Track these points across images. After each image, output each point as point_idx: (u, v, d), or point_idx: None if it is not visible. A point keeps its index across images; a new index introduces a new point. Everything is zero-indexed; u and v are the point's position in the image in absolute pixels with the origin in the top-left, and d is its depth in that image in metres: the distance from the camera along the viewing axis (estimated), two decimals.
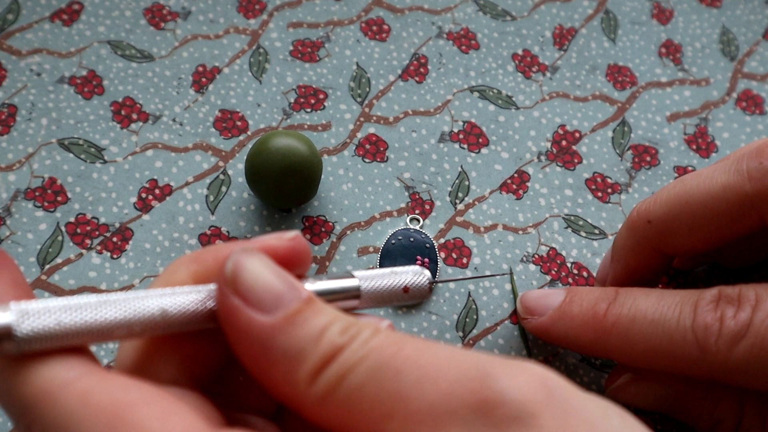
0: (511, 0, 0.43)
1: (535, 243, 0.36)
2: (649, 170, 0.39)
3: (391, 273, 0.22)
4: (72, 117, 0.37)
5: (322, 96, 0.39)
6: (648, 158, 0.39)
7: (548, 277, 0.36)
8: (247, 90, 0.38)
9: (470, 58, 0.41)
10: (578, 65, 0.41)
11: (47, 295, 0.33)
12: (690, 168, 0.39)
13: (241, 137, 0.37)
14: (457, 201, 0.37)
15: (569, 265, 0.36)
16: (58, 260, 0.34)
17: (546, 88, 0.40)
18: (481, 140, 0.38)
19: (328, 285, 0.21)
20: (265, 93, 0.38)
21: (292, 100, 0.38)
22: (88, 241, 0.34)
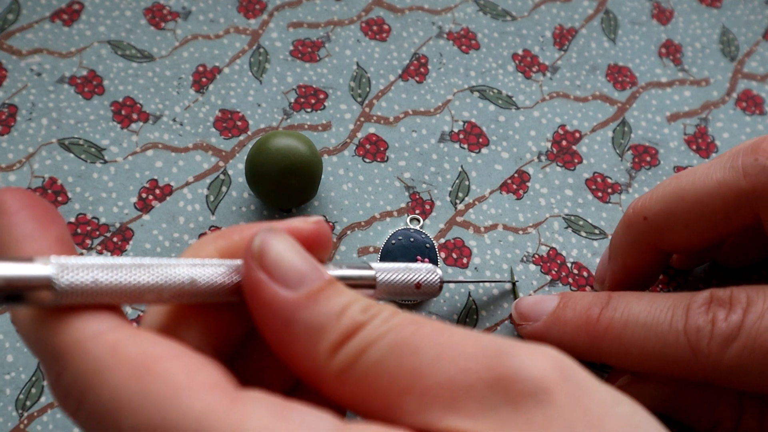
0: (511, 0, 0.43)
1: (535, 243, 0.36)
2: (649, 170, 0.39)
3: (406, 268, 0.23)
4: (72, 117, 0.37)
5: (322, 96, 0.39)
6: (648, 158, 0.39)
7: (548, 277, 0.36)
8: (248, 90, 0.38)
9: (470, 58, 0.41)
10: (578, 65, 0.41)
11: None
12: (688, 168, 0.39)
13: (241, 137, 0.37)
14: (458, 201, 0.37)
15: (569, 265, 0.36)
16: None
17: (546, 88, 0.40)
18: (481, 140, 0.38)
19: (347, 272, 0.22)
20: (265, 93, 0.38)
21: (293, 100, 0.38)
22: (88, 242, 0.34)
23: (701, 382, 0.27)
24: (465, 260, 0.36)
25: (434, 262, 0.35)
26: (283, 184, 0.33)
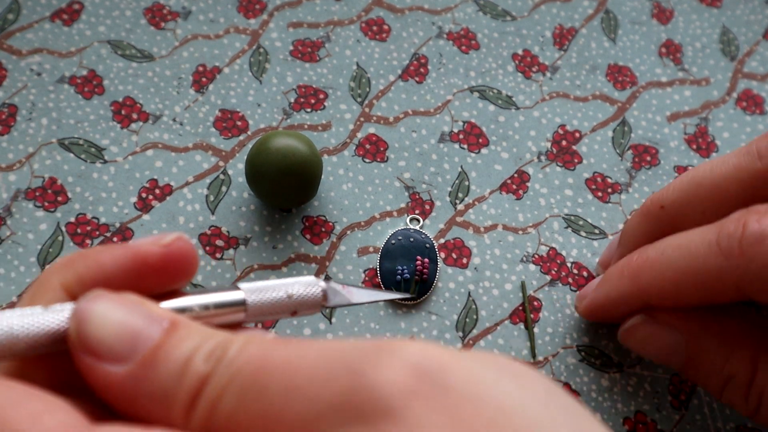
0: (511, 0, 0.43)
1: (535, 243, 0.36)
2: (649, 170, 0.39)
3: (280, 285, 0.21)
4: (72, 117, 0.37)
5: (322, 96, 0.39)
6: (648, 158, 0.39)
7: (548, 277, 0.36)
8: (248, 90, 0.38)
9: (470, 58, 0.41)
10: (578, 65, 0.41)
11: None
12: (690, 168, 0.39)
13: (241, 137, 0.37)
14: (457, 201, 0.37)
15: (569, 264, 0.36)
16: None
17: (546, 88, 0.40)
18: (481, 140, 0.38)
19: (210, 299, 0.20)
20: (265, 93, 0.38)
21: (293, 100, 0.38)
22: (88, 242, 0.34)
23: (734, 294, 0.26)
24: (465, 260, 0.36)
25: (434, 262, 0.35)
26: (283, 184, 0.33)
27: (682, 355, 0.29)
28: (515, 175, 0.38)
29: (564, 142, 0.39)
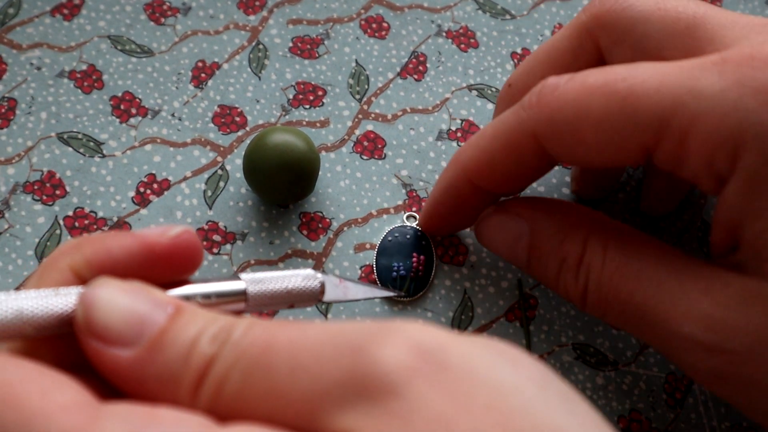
0: None
1: None
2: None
3: (280, 276, 0.22)
4: (71, 111, 0.37)
5: (320, 93, 0.39)
6: None
7: None
8: (246, 86, 0.39)
9: (469, 57, 0.41)
10: None
11: None
12: None
13: (239, 133, 0.37)
14: None
15: None
16: None
17: None
18: None
19: (211, 288, 0.21)
20: (264, 89, 0.39)
21: (291, 97, 0.39)
22: (86, 235, 0.34)
23: (533, 146, 0.27)
24: (461, 258, 0.36)
25: (430, 259, 0.35)
26: (281, 180, 0.33)
27: (527, 243, 0.30)
28: None
29: None
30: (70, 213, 0.35)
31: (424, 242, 0.35)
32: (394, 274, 0.34)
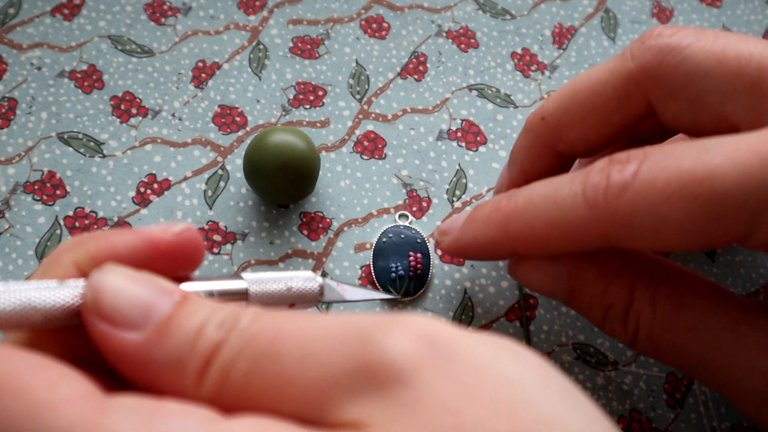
0: None
1: None
2: None
3: (281, 278, 0.23)
4: (72, 111, 0.37)
5: (321, 93, 0.39)
6: None
7: None
8: (247, 86, 0.39)
9: (469, 57, 0.41)
10: (577, 64, 0.41)
11: None
12: None
13: (239, 133, 0.37)
14: (455, 199, 0.37)
15: None
16: None
17: (545, 86, 0.40)
18: (479, 138, 0.39)
19: (214, 286, 0.21)
20: (264, 89, 0.39)
21: (291, 97, 0.39)
22: (89, 232, 0.34)
23: (601, 243, 0.26)
24: (461, 260, 0.36)
25: (426, 256, 0.35)
26: (281, 180, 0.33)
27: (566, 285, 0.29)
28: None
29: None
30: (71, 213, 0.35)
31: (418, 240, 0.35)
32: (393, 274, 0.34)
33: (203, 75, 0.39)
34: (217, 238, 0.35)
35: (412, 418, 0.15)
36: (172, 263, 0.21)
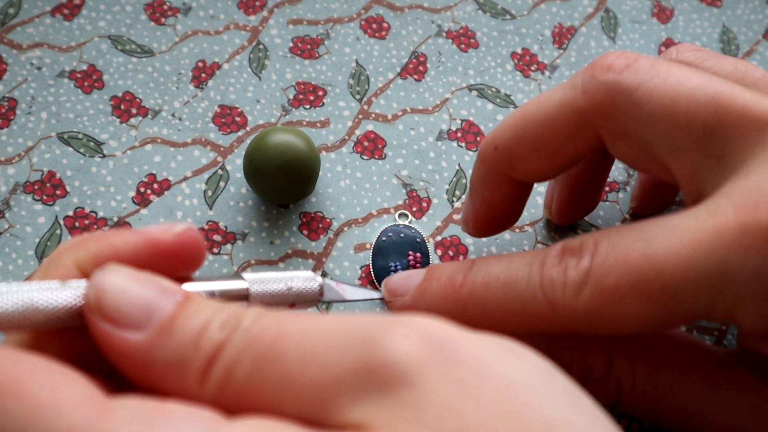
0: None
1: (532, 241, 0.36)
2: None
3: (281, 278, 0.23)
4: (72, 111, 0.37)
5: (321, 93, 0.39)
6: None
7: None
8: (247, 86, 0.39)
9: (469, 57, 0.41)
10: (578, 64, 0.41)
11: None
12: None
13: (240, 133, 0.37)
14: (454, 199, 0.37)
15: None
16: None
17: (545, 86, 0.40)
18: (479, 139, 0.39)
19: (215, 286, 0.21)
20: (264, 89, 0.39)
21: (291, 97, 0.39)
22: (90, 232, 0.34)
23: (564, 333, 0.26)
24: (461, 258, 0.36)
25: (426, 256, 0.35)
26: (281, 180, 0.33)
27: (543, 352, 0.28)
28: None
29: None
30: (71, 213, 0.35)
31: (418, 239, 0.35)
32: (392, 273, 0.34)
33: (203, 75, 0.39)
34: (217, 238, 0.35)
35: (416, 420, 0.15)
36: (173, 263, 0.21)
